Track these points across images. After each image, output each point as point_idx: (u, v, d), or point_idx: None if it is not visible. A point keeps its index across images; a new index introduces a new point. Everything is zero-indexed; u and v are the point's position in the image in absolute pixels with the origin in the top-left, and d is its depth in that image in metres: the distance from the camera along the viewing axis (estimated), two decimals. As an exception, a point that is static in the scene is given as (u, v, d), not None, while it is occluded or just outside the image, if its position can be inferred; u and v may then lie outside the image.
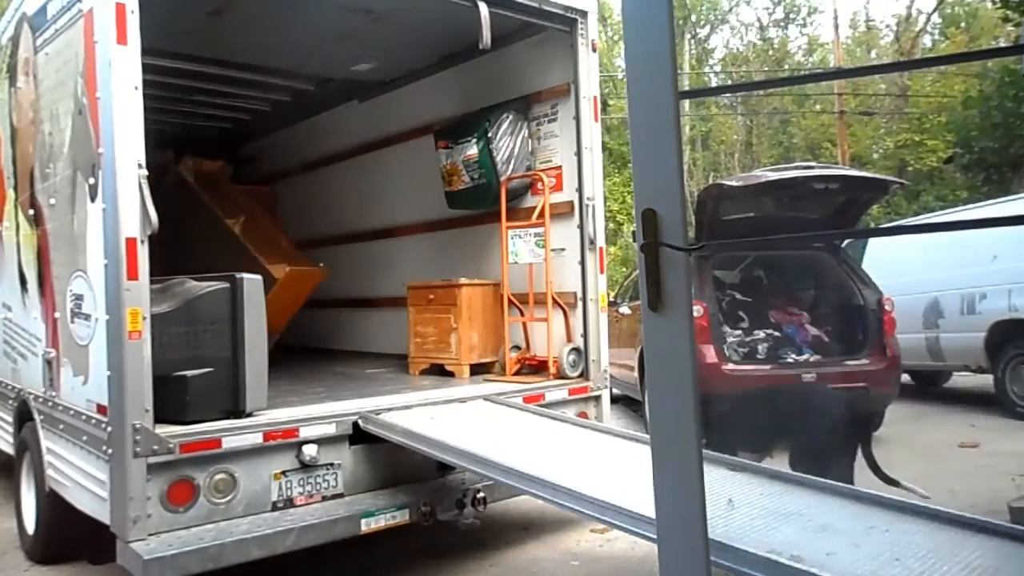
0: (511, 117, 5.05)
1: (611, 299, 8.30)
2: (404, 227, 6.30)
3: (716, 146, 27.97)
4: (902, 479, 3.63)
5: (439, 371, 5.11)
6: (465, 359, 4.95)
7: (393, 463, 3.75)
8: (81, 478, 3.49)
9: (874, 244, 8.76)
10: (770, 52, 28.49)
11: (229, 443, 3.30)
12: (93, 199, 3.35)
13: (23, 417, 4.41)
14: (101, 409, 3.25)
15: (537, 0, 4.40)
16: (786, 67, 27.74)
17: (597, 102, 4.68)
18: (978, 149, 13.97)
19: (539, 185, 4.87)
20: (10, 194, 4.87)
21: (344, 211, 7.04)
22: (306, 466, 3.50)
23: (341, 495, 3.60)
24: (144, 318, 3.12)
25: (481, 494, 3.78)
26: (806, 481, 2.80)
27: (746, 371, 6.28)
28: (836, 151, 20.84)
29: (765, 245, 7.17)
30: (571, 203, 4.74)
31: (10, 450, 4.76)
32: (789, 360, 6.47)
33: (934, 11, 24.70)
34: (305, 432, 3.51)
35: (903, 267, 8.03)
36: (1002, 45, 18.55)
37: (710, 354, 6.11)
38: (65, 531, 3.88)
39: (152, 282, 3.23)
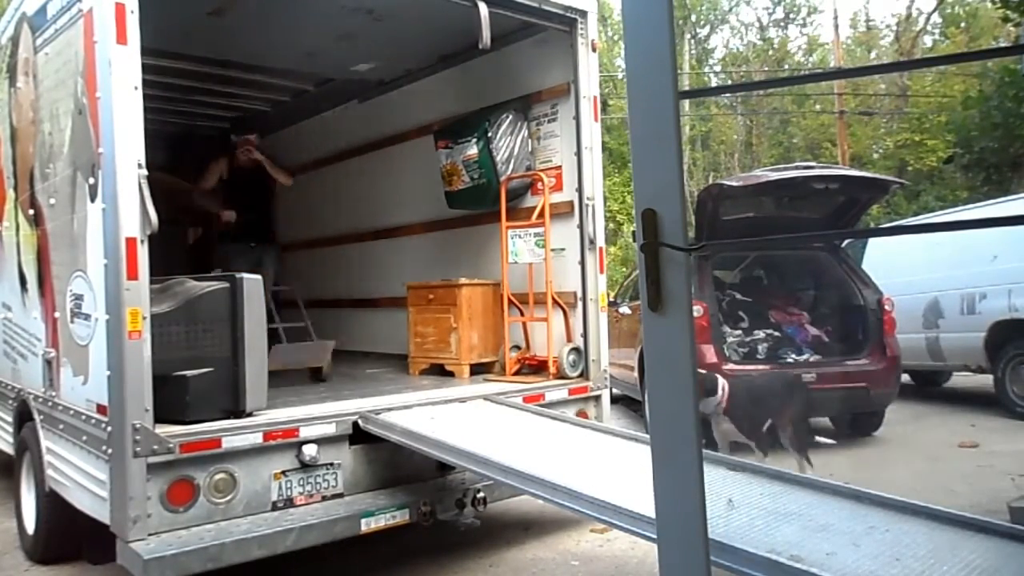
0: (511, 117, 5.05)
1: (611, 299, 8.30)
2: (404, 227, 6.30)
3: (716, 146, 27.96)
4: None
5: (439, 371, 5.11)
6: (465, 359, 4.95)
7: (393, 463, 3.75)
8: (81, 478, 3.49)
9: (874, 244, 8.76)
10: (770, 52, 28.48)
11: (229, 443, 3.30)
12: (93, 199, 3.35)
13: (23, 417, 4.40)
14: (101, 409, 3.25)
15: (537, 0, 4.40)
16: (786, 67, 27.73)
17: (597, 102, 4.68)
18: (978, 149, 13.95)
19: (539, 185, 4.87)
20: (10, 194, 4.86)
21: (344, 211, 7.04)
22: (306, 466, 3.50)
23: (341, 495, 3.59)
24: (144, 318, 3.12)
25: (481, 494, 3.78)
26: (806, 481, 2.80)
27: (746, 371, 6.29)
28: (836, 151, 20.83)
29: (765, 245, 7.18)
30: (571, 203, 4.74)
31: (10, 450, 4.76)
32: (789, 360, 6.47)
33: (934, 11, 24.72)
34: (305, 432, 3.50)
35: (903, 267, 8.03)
36: (1002, 45, 18.55)
37: (710, 354, 6.11)
38: (65, 531, 3.88)
39: (152, 282, 3.23)
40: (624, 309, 8.33)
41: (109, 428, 3.15)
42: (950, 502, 3.40)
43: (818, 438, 5.44)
